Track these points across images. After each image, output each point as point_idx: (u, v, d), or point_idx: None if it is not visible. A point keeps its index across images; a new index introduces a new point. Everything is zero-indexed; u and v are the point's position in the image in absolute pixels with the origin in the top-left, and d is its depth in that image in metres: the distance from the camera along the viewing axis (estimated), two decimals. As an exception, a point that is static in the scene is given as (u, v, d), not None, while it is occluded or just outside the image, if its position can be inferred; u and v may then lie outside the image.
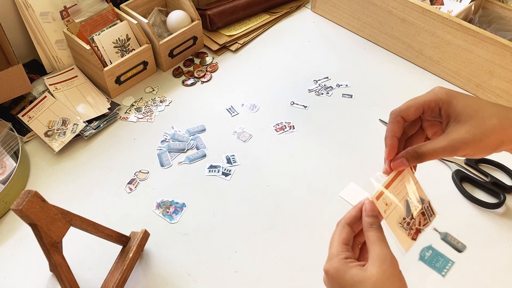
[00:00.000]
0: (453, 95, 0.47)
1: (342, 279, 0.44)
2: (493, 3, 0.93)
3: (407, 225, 0.50)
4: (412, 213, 0.50)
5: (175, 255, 0.69)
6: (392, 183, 0.49)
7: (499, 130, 0.45)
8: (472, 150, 0.46)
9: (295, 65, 0.99)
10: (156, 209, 0.74)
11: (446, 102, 0.47)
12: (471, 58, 0.87)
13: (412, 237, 0.50)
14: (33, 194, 0.51)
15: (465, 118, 0.46)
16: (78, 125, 0.84)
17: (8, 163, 0.77)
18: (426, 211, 0.52)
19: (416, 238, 0.50)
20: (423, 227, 0.51)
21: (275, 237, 0.70)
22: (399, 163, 0.48)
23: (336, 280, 0.45)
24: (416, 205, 0.51)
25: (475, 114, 0.45)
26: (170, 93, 0.94)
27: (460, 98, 0.47)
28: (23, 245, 0.71)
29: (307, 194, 0.76)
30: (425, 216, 0.52)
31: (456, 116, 0.46)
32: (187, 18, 0.98)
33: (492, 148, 0.46)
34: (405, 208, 0.50)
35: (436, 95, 0.48)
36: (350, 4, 1.02)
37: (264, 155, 0.82)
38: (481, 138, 0.45)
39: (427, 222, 0.52)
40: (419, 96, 0.49)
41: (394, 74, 0.97)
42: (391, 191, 0.49)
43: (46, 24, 0.91)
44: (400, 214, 0.50)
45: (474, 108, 0.46)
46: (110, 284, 0.62)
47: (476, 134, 0.45)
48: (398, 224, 0.49)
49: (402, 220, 0.50)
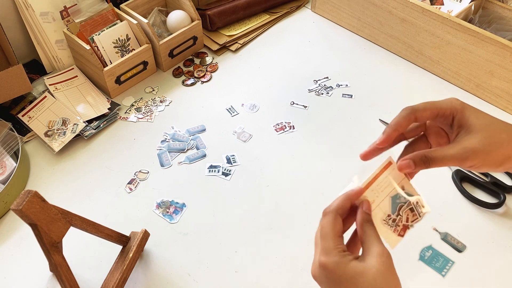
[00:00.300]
0: (467, 107, 0.48)
1: (343, 271, 0.44)
2: (493, 3, 0.93)
3: (392, 221, 0.50)
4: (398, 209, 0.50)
5: (175, 255, 0.69)
6: (375, 180, 0.49)
7: (507, 145, 0.46)
8: (480, 161, 0.46)
9: (295, 65, 0.99)
10: (156, 209, 0.74)
11: (460, 112, 0.48)
12: (471, 58, 0.87)
13: (399, 234, 0.50)
14: (33, 194, 0.51)
15: (476, 129, 0.47)
16: (78, 125, 0.84)
17: (8, 163, 0.77)
18: (415, 207, 0.51)
19: (404, 235, 0.50)
20: (412, 223, 0.51)
21: (275, 237, 0.70)
22: (406, 164, 0.48)
23: (336, 273, 0.44)
24: (402, 202, 0.50)
25: (486, 127, 0.47)
26: (170, 93, 0.94)
27: (473, 111, 0.48)
28: (23, 245, 0.71)
29: (307, 194, 0.76)
30: (414, 212, 0.51)
31: (468, 126, 0.47)
32: (187, 18, 0.98)
33: (498, 162, 0.47)
34: (390, 205, 0.50)
35: (452, 105, 0.48)
36: (350, 4, 1.02)
37: (264, 155, 0.82)
38: (490, 150, 0.46)
39: (417, 218, 0.51)
40: (435, 101, 0.49)
41: (394, 74, 0.97)
42: (374, 189, 0.49)
43: (46, 24, 0.91)
44: (385, 211, 0.50)
45: (485, 121, 0.47)
46: (110, 284, 0.62)
47: (486, 145, 0.46)
48: (382, 221, 0.49)
49: (387, 217, 0.50)
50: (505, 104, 0.87)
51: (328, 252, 0.45)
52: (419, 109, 0.49)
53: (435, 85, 0.94)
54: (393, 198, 0.50)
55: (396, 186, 0.50)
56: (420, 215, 0.51)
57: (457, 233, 0.69)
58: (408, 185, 0.51)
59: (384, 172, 0.50)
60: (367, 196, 0.49)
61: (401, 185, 0.51)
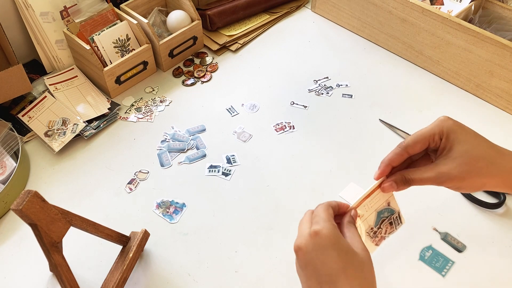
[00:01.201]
0: (453, 130, 0.50)
1: (337, 241, 0.45)
2: (493, 3, 0.93)
3: (373, 233, 0.54)
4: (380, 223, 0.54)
5: (175, 255, 0.69)
6: (367, 198, 0.53)
7: (484, 174, 0.49)
8: (456, 185, 0.50)
9: (295, 65, 0.99)
10: (156, 209, 0.74)
11: (446, 136, 0.50)
12: (471, 58, 0.87)
13: (376, 243, 0.55)
14: (33, 194, 0.51)
15: (455, 155, 0.49)
16: (78, 125, 0.84)
17: (8, 163, 0.77)
18: (394, 221, 0.56)
19: (379, 244, 0.55)
20: (388, 235, 0.55)
21: (275, 237, 0.70)
22: (389, 186, 0.51)
23: (331, 240, 0.45)
24: (385, 216, 0.55)
25: (466, 154, 0.49)
26: (170, 93, 0.94)
27: (458, 134, 0.50)
28: (23, 245, 0.71)
29: (307, 194, 0.76)
30: (393, 225, 0.56)
31: (449, 149, 0.50)
32: (187, 18, 0.98)
33: (474, 188, 0.50)
34: (375, 219, 0.54)
35: (440, 129, 0.50)
36: (350, 4, 1.02)
37: (264, 155, 0.82)
38: (465, 177, 0.49)
39: (393, 230, 0.56)
40: (425, 128, 0.52)
41: (394, 74, 0.97)
42: (366, 205, 0.52)
43: (46, 24, 0.91)
44: (370, 224, 0.54)
45: (467, 147, 0.49)
46: (110, 284, 0.62)
47: (461, 172, 0.48)
48: (366, 233, 0.53)
49: (370, 229, 0.54)
50: (505, 104, 0.87)
51: (324, 221, 0.46)
52: (409, 145, 0.51)
53: (435, 85, 0.94)
54: (378, 213, 0.54)
55: (383, 202, 0.54)
56: (396, 228, 0.56)
57: (457, 233, 0.69)
58: (393, 201, 0.55)
59: (376, 191, 0.53)
60: (359, 210, 0.53)
61: (388, 201, 0.55)
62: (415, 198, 0.73)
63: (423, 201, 0.73)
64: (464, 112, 0.88)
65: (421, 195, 0.73)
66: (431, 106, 0.89)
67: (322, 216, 0.48)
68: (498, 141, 0.53)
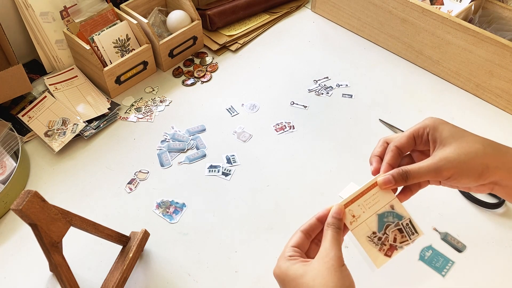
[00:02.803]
0: (440, 122, 0.50)
1: (286, 275, 0.46)
2: (493, 3, 0.93)
3: (378, 240, 0.50)
4: (384, 228, 0.50)
5: (175, 255, 0.69)
6: (362, 196, 0.50)
7: (483, 154, 0.47)
8: (457, 171, 0.47)
9: (295, 65, 0.99)
10: (156, 209, 0.74)
11: (433, 128, 0.50)
12: (471, 58, 0.87)
13: (385, 254, 0.50)
14: (33, 194, 0.51)
15: (450, 141, 0.48)
16: (78, 125, 0.84)
17: (8, 163, 0.77)
18: (404, 228, 0.51)
19: (391, 255, 0.50)
20: (401, 245, 0.50)
21: (275, 237, 0.70)
22: (386, 179, 0.50)
23: (280, 277, 0.47)
24: (390, 221, 0.51)
25: (460, 139, 0.48)
26: (170, 93, 0.94)
27: (446, 125, 0.50)
28: (23, 245, 0.71)
29: (307, 194, 0.76)
30: (403, 233, 0.51)
31: (442, 140, 0.49)
32: (187, 18, 0.98)
33: (477, 173, 0.47)
34: (377, 223, 0.50)
35: (424, 123, 0.51)
36: (350, 4, 1.02)
37: (264, 155, 0.82)
38: (466, 160, 0.47)
39: (406, 240, 0.51)
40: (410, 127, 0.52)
41: (394, 74, 0.97)
42: (361, 204, 0.50)
43: (46, 24, 0.91)
44: (371, 227, 0.50)
45: (459, 134, 0.49)
46: (110, 284, 0.62)
47: (460, 154, 0.47)
48: (367, 238, 0.50)
49: (372, 234, 0.50)
50: (505, 104, 0.87)
51: (278, 261, 0.49)
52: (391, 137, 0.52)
53: (435, 85, 0.94)
54: (380, 216, 0.50)
55: (385, 205, 0.51)
56: (411, 238, 0.51)
57: (457, 233, 0.69)
58: (398, 205, 0.51)
59: (373, 189, 0.50)
60: (353, 210, 0.50)
61: (390, 205, 0.51)
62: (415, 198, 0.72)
63: (423, 201, 0.73)
64: (464, 112, 0.88)
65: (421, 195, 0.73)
66: (431, 106, 0.89)
67: (283, 251, 0.49)
68: (498, 141, 0.53)
